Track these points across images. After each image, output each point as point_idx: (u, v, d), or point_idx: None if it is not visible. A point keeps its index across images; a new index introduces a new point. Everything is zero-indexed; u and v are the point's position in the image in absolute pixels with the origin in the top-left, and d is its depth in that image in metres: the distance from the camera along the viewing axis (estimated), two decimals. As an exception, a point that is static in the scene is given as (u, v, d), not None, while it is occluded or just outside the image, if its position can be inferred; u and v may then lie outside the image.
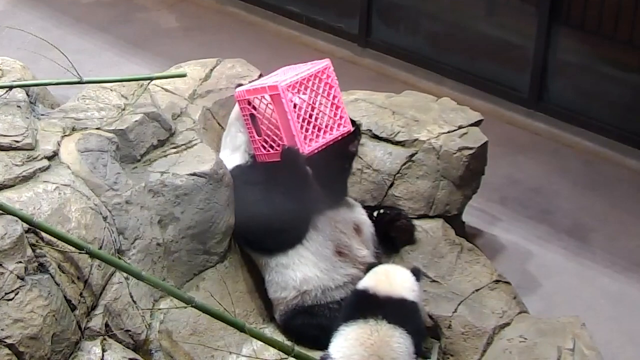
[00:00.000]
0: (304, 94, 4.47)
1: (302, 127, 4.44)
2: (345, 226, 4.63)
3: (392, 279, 4.26)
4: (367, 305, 4.19)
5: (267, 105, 4.50)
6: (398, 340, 4.11)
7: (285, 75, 4.54)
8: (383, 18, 7.28)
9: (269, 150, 4.55)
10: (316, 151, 4.48)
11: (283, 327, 4.61)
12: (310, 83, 4.50)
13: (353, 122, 4.63)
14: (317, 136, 4.49)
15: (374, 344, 4.08)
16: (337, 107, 4.54)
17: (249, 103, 4.59)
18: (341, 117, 4.55)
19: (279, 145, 4.49)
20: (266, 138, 4.54)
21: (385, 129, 5.09)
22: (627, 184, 6.06)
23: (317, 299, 4.54)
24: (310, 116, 4.48)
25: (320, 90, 4.52)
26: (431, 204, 4.99)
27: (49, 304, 3.76)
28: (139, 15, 7.85)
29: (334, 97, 4.54)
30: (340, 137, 4.56)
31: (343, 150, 4.65)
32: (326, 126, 4.52)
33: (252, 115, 4.59)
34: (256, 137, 4.59)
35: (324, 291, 4.54)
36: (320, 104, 4.51)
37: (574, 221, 5.72)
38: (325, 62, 4.58)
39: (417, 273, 4.33)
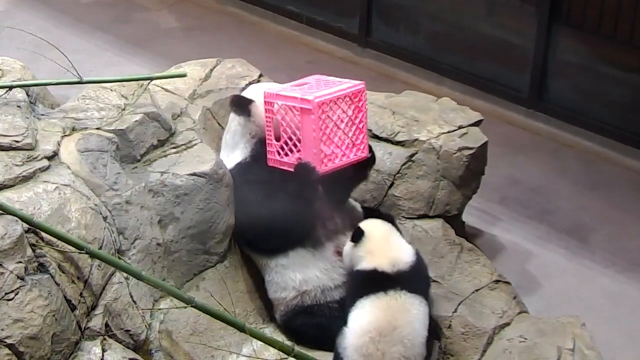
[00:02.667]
0: (333, 114, 4.41)
1: (324, 143, 4.41)
2: (345, 227, 4.63)
3: (393, 253, 4.34)
4: (382, 281, 4.26)
5: (295, 115, 4.42)
6: (418, 308, 4.25)
7: (317, 88, 4.48)
8: (383, 18, 7.29)
9: (282, 157, 4.50)
10: (330, 172, 4.45)
11: (283, 327, 4.61)
12: (342, 103, 4.45)
13: (370, 149, 4.62)
14: (335, 157, 4.45)
15: (390, 308, 4.18)
16: (360, 132, 4.51)
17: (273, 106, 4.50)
18: (362, 143, 4.52)
19: (294, 155, 4.45)
20: (284, 145, 4.48)
21: (385, 129, 5.09)
22: (627, 184, 6.07)
23: (316, 298, 4.54)
24: (334, 136, 4.44)
25: (350, 112, 4.48)
26: (431, 204, 4.99)
27: (49, 304, 3.76)
28: (139, 15, 7.85)
29: (360, 121, 4.50)
30: (355, 162, 4.54)
31: (355, 173, 4.66)
32: (346, 148, 4.49)
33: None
34: (274, 141, 4.51)
35: (324, 291, 4.54)
36: (347, 126, 4.48)
37: (574, 221, 5.72)
38: (361, 84, 4.53)
39: (391, 219, 4.46)
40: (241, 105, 4.70)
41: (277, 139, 4.51)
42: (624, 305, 5.12)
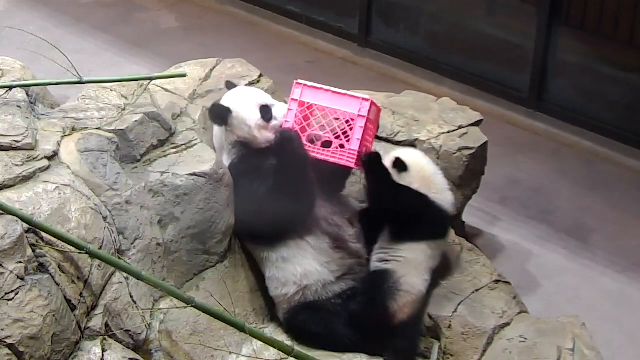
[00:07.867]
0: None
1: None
2: (341, 219, 4.63)
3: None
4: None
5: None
6: None
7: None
8: (383, 18, 7.29)
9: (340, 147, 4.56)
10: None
11: (286, 326, 4.60)
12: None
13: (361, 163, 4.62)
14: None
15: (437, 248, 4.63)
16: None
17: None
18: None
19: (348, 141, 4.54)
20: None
21: (385, 129, 5.09)
22: (627, 184, 6.07)
23: (318, 294, 4.53)
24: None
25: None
26: (431, 204, 4.98)
27: (49, 304, 3.76)
28: (139, 15, 7.85)
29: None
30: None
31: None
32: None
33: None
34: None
35: (325, 285, 4.54)
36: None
37: (574, 221, 5.73)
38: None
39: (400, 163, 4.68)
40: (219, 114, 4.69)
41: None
42: (624, 305, 5.12)
